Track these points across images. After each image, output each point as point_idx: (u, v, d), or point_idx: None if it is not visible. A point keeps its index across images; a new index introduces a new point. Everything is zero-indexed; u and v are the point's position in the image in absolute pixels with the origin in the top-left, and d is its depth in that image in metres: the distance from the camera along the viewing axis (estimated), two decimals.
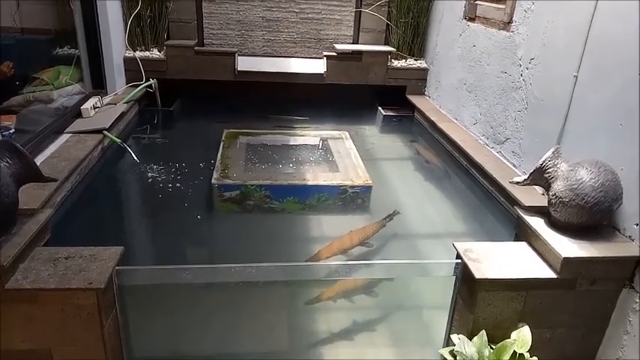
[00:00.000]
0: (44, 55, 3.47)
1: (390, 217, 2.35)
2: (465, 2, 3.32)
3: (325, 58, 3.99)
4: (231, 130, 3.30)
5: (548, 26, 2.38)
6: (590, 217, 1.79)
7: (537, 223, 1.94)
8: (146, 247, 2.28)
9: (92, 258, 1.66)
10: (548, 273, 1.76)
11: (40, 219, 1.77)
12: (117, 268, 1.65)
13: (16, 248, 1.57)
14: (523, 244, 1.94)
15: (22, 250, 1.60)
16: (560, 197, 1.82)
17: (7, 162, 1.62)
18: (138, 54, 3.75)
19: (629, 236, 1.83)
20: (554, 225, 1.90)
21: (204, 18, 3.96)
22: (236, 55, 3.89)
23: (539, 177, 1.94)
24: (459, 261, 1.83)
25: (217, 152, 2.90)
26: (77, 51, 3.38)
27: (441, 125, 3.39)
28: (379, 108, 4.13)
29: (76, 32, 3.32)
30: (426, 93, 4.12)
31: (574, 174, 1.82)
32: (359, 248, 2.18)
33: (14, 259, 1.55)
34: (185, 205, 2.50)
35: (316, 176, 2.72)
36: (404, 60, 4.12)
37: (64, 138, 2.70)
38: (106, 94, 3.47)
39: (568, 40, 2.22)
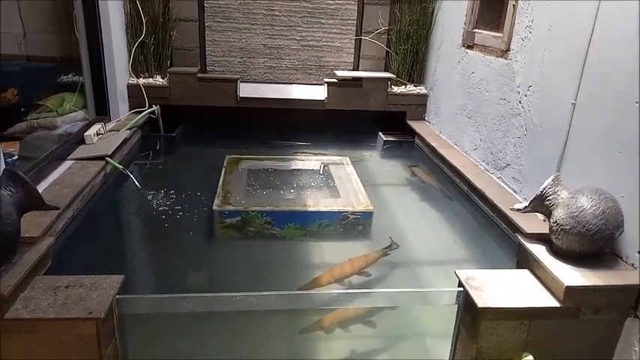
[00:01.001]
0: (49, 82, 3.53)
1: (390, 247, 2.33)
2: (462, 30, 3.38)
3: (326, 85, 4.05)
4: (233, 156, 3.32)
5: (545, 55, 2.42)
6: (592, 244, 1.78)
7: (539, 251, 1.93)
8: (146, 275, 2.27)
9: (92, 286, 1.65)
10: (551, 302, 1.75)
11: (41, 247, 1.77)
12: (117, 296, 1.64)
13: (17, 278, 1.57)
14: (525, 272, 1.93)
15: (23, 279, 1.59)
16: (561, 225, 1.82)
17: (10, 190, 1.63)
18: (141, 81, 3.81)
19: (632, 264, 1.82)
20: (556, 253, 1.89)
21: (207, 46, 4.04)
22: (238, 81, 3.94)
23: (540, 204, 1.94)
24: (461, 289, 1.82)
25: (219, 178, 2.91)
26: (81, 78, 3.43)
27: (442, 151, 3.41)
28: (380, 133, 4.17)
29: (80, 60, 3.38)
30: (426, 118, 4.16)
31: (574, 201, 1.82)
32: (359, 277, 2.16)
33: (14, 288, 1.55)
34: (186, 231, 2.50)
35: (317, 202, 2.72)
36: (404, 86, 4.17)
37: (67, 165, 2.72)
38: (110, 120, 3.50)
39: (565, 69, 2.26)
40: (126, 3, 3.69)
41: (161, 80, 3.90)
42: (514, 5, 2.69)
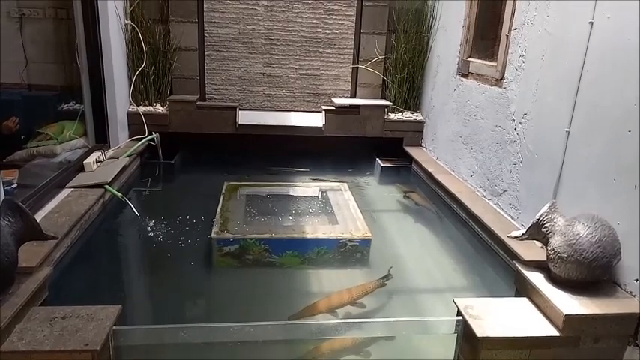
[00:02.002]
0: (50, 110, 3.57)
1: (386, 277, 2.31)
2: (457, 59, 3.45)
3: (324, 112, 4.10)
4: (232, 183, 3.33)
5: (539, 84, 2.47)
6: (590, 272, 1.78)
7: (537, 279, 1.93)
8: (143, 305, 2.25)
9: (89, 317, 1.64)
10: (550, 331, 1.74)
11: (39, 278, 1.76)
12: (114, 327, 1.63)
13: (13, 309, 1.56)
14: (524, 300, 1.93)
15: (19, 310, 1.59)
16: (558, 252, 1.83)
17: (9, 221, 1.64)
18: (141, 109, 3.85)
19: (630, 292, 1.82)
20: (555, 280, 1.89)
21: (206, 74, 4.10)
22: (237, 109, 3.99)
23: (537, 232, 1.95)
24: (460, 318, 1.81)
25: (217, 205, 2.92)
26: (82, 106, 3.47)
27: (439, 177, 3.43)
28: (377, 159, 4.20)
29: (82, 88, 3.42)
30: (422, 144, 4.20)
31: (571, 229, 1.83)
32: (357, 307, 2.14)
33: (10, 320, 1.54)
34: (184, 260, 2.49)
35: (315, 229, 2.72)
36: (400, 113, 4.23)
37: (65, 192, 2.73)
38: (109, 147, 3.53)
39: (558, 97, 2.30)
40: (127, 33, 3.77)
41: (161, 108, 3.95)
42: (507, 36, 2.75)
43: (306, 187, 3.54)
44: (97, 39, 3.36)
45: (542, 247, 2.06)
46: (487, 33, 3.13)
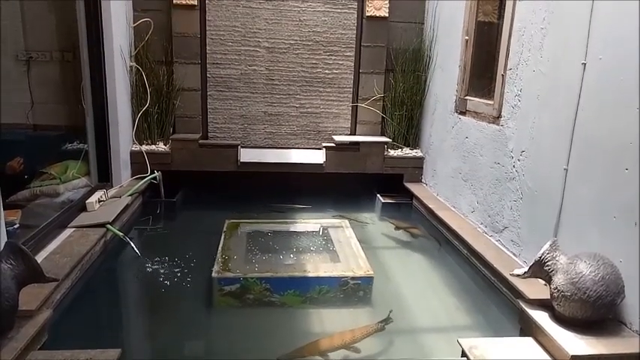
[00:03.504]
0: (54, 150, 3.62)
1: (386, 321, 2.27)
2: (455, 97, 3.52)
3: (324, 149, 4.15)
4: (233, 221, 3.33)
5: (535, 122, 2.51)
6: (594, 311, 1.77)
7: (542, 318, 1.91)
8: (143, 347, 2.22)
9: None
10: None
11: (38, 321, 1.75)
12: None
13: (12, 354, 1.54)
14: (529, 340, 1.91)
15: (18, 355, 1.57)
16: (561, 291, 1.82)
17: (11, 264, 1.64)
18: (144, 147, 3.91)
19: (636, 331, 1.80)
20: (559, 319, 1.88)
21: (209, 113, 4.17)
22: (239, 147, 4.05)
23: (539, 270, 1.95)
24: (465, 359, 1.78)
25: (219, 243, 2.91)
26: (86, 146, 3.52)
27: (440, 213, 3.44)
28: (378, 195, 4.22)
29: (86, 128, 3.48)
30: (422, 180, 4.22)
31: (573, 267, 1.83)
32: (355, 350, 2.09)
33: None
34: (185, 300, 2.47)
35: (317, 267, 2.71)
36: (400, 149, 4.28)
37: (67, 232, 2.74)
38: (112, 186, 3.56)
39: (555, 135, 2.34)
40: (132, 75, 3.86)
41: (163, 147, 4.00)
42: (502, 75, 2.82)
43: (307, 224, 3.54)
44: (103, 81, 3.45)
45: (546, 285, 2.05)
46: (483, 72, 3.21)
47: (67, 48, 3.63)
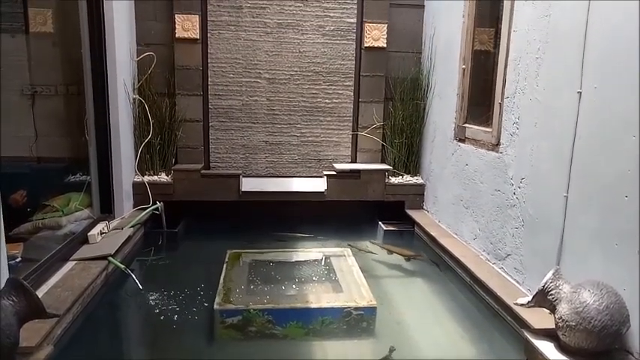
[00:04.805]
0: (57, 182, 3.64)
1: (386, 359, 2.24)
2: (454, 125, 3.55)
3: (325, 177, 4.17)
4: (234, 251, 3.32)
5: (534, 149, 2.53)
6: (600, 341, 1.75)
7: (548, 348, 1.89)
8: None
9: None
10: None
11: (39, 358, 1.74)
12: None
13: None
14: None
15: None
16: (566, 321, 1.80)
17: (13, 300, 1.64)
18: (146, 178, 3.93)
19: None
20: (565, 350, 1.85)
21: (210, 144, 4.22)
22: (240, 176, 4.07)
23: (543, 299, 1.93)
24: None
25: (220, 274, 2.90)
26: (89, 178, 3.55)
27: (442, 240, 3.43)
28: (380, 223, 4.21)
29: (89, 161, 3.51)
30: (424, 207, 4.23)
31: (577, 296, 1.81)
32: None
33: None
34: (187, 333, 2.45)
35: (319, 298, 2.69)
36: (400, 177, 4.30)
37: (69, 265, 2.74)
38: (114, 217, 3.57)
39: (554, 162, 2.35)
40: (135, 107, 3.92)
41: (165, 177, 4.03)
42: (500, 104, 2.86)
43: (309, 253, 3.53)
44: (106, 113, 3.50)
45: (551, 314, 2.03)
46: (481, 100, 3.26)
47: (71, 82, 3.70)
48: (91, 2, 3.34)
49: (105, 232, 3.24)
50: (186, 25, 3.96)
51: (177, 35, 3.97)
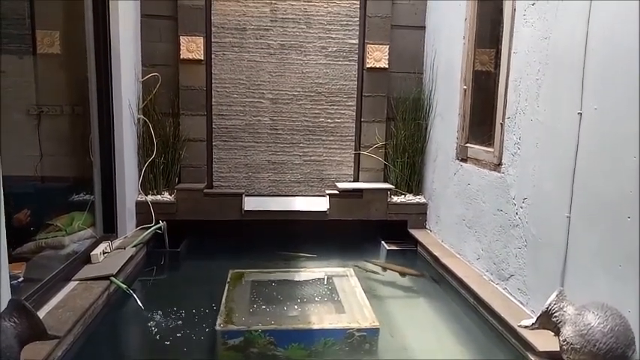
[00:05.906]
0: (61, 201, 3.65)
1: None
2: (455, 145, 3.57)
3: (328, 196, 4.18)
4: (237, 271, 3.31)
5: (536, 169, 2.54)
6: None
7: None
8: None
9: None
10: None
11: None
12: None
13: None
14: None
15: None
16: (571, 343, 1.78)
17: (14, 322, 1.64)
18: (149, 198, 3.95)
19: None
20: None
21: (214, 163, 4.24)
22: (243, 195, 4.08)
23: (547, 321, 1.92)
24: None
25: (222, 294, 2.89)
26: (92, 197, 3.56)
27: (445, 260, 3.41)
28: (382, 242, 4.20)
29: (93, 180, 3.54)
30: (427, 227, 4.22)
31: (581, 318, 1.80)
32: None
33: None
34: (188, 355, 2.43)
35: (322, 319, 2.67)
36: (403, 196, 4.30)
37: (71, 285, 2.73)
38: (117, 237, 3.57)
39: (556, 183, 2.36)
40: (139, 127, 3.96)
41: (169, 196, 4.04)
42: (501, 124, 2.88)
43: (311, 273, 3.51)
44: (111, 133, 3.54)
45: (555, 336, 2.01)
46: (482, 120, 3.28)
47: (77, 102, 3.75)
48: (98, 24, 3.41)
49: (107, 252, 3.24)
50: (191, 47, 4.03)
51: (181, 56, 4.03)
